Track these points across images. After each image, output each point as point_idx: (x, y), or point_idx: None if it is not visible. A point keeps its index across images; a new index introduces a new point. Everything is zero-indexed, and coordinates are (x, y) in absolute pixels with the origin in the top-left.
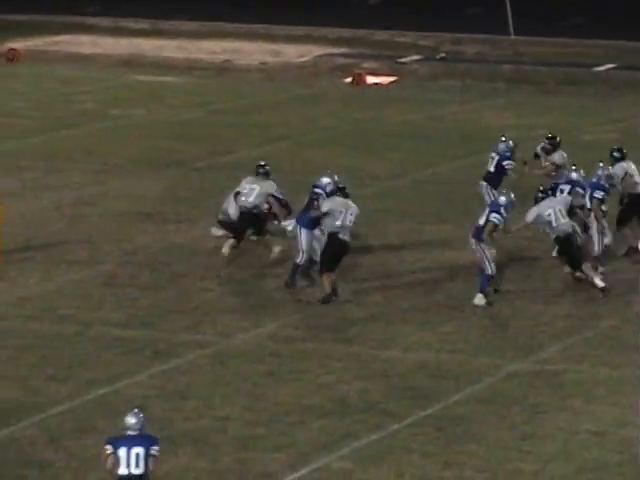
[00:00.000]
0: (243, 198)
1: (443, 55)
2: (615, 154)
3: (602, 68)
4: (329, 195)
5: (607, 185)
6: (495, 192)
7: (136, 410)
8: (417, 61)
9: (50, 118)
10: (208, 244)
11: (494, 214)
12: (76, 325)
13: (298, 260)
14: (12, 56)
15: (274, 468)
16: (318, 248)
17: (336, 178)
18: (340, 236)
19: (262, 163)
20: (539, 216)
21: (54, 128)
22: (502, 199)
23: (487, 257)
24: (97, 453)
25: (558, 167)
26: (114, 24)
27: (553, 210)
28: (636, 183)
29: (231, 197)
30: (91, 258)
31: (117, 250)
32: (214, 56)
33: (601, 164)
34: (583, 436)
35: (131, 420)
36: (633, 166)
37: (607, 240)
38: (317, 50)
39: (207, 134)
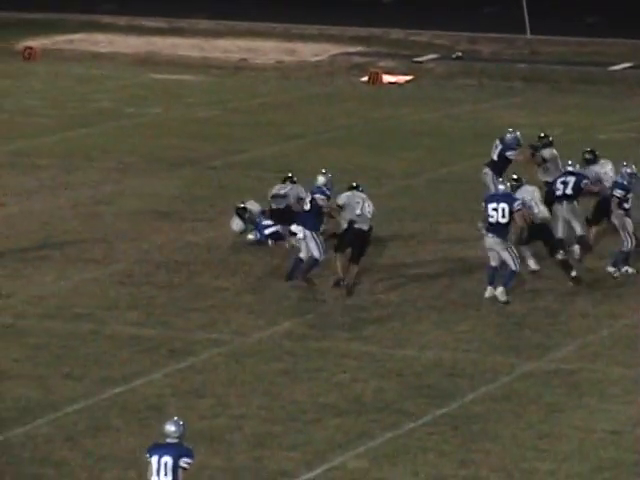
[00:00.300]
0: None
1: (459, 54)
2: (587, 156)
3: (618, 67)
4: (330, 192)
5: (628, 183)
6: (496, 181)
7: (176, 418)
8: (433, 60)
9: (66, 116)
10: (224, 243)
11: (516, 203)
12: (92, 323)
13: (319, 257)
14: (28, 54)
15: (290, 466)
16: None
17: (330, 176)
18: (357, 225)
19: (290, 175)
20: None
21: (70, 126)
22: (502, 187)
23: (515, 254)
24: (113, 451)
25: (545, 161)
26: (130, 22)
27: (529, 197)
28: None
29: (235, 215)
30: (107, 257)
31: (133, 249)
32: (230, 55)
33: (625, 162)
34: (599, 435)
35: (170, 428)
36: (604, 169)
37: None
38: (333, 49)
39: (223, 133)
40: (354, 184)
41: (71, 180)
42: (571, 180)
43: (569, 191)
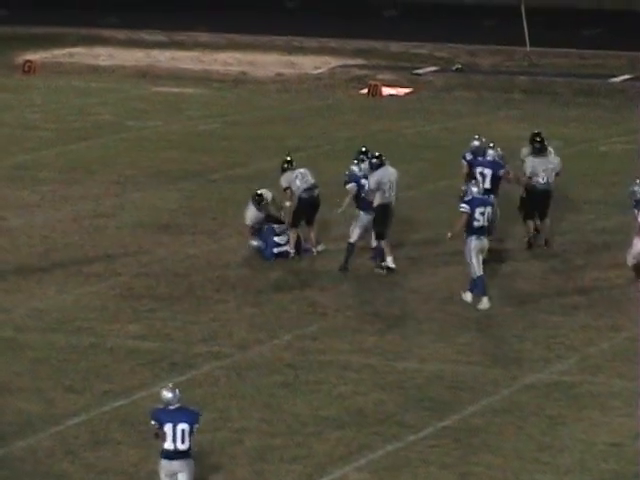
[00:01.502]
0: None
1: (459, 66)
2: (530, 138)
3: (618, 79)
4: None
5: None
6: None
7: (170, 385)
8: (433, 72)
9: (67, 130)
10: (225, 256)
11: (490, 207)
12: (93, 337)
13: (353, 241)
14: (28, 68)
15: (291, 479)
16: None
17: (363, 166)
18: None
19: (289, 159)
20: (380, 182)
21: (71, 140)
22: (475, 189)
23: None
24: (114, 465)
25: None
26: (130, 36)
27: (389, 179)
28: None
29: (250, 203)
30: (108, 270)
31: (134, 262)
32: (230, 68)
33: (638, 180)
34: (600, 447)
35: (168, 395)
36: (544, 164)
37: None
38: (333, 61)
39: (223, 146)
40: (363, 148)
41: (72, 194)
42: (488, 173)
43: (487, 185)
